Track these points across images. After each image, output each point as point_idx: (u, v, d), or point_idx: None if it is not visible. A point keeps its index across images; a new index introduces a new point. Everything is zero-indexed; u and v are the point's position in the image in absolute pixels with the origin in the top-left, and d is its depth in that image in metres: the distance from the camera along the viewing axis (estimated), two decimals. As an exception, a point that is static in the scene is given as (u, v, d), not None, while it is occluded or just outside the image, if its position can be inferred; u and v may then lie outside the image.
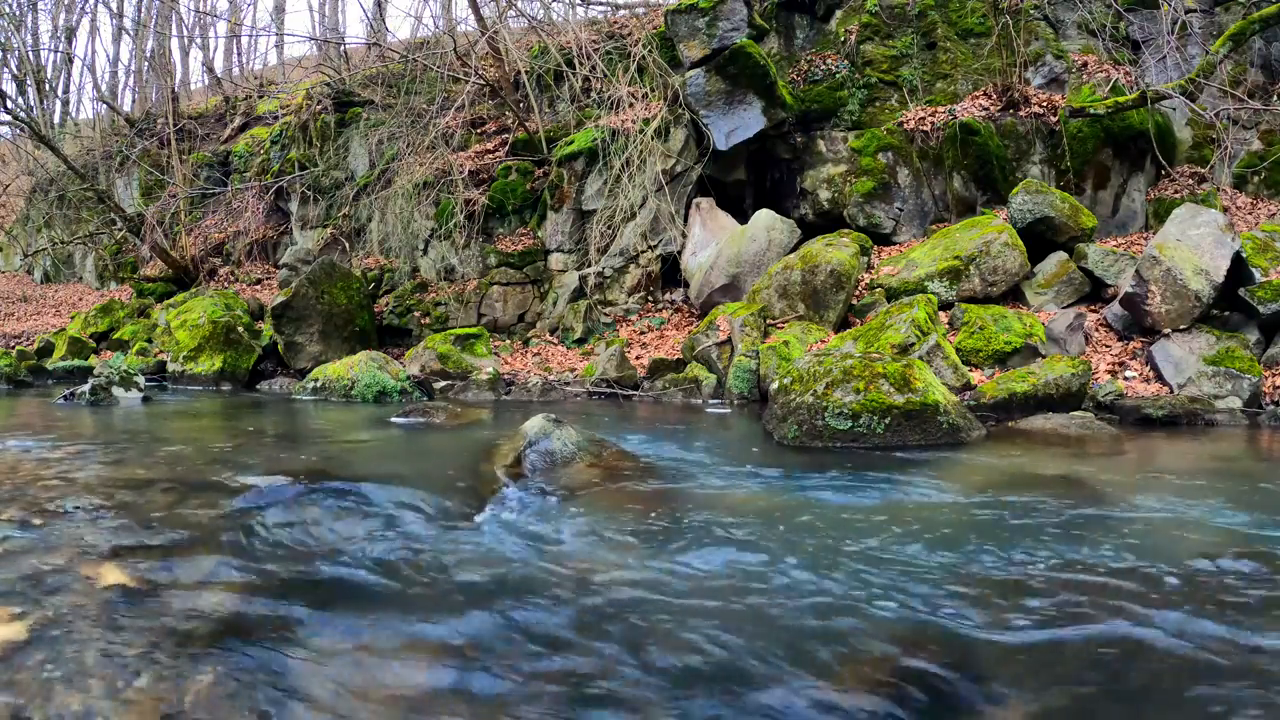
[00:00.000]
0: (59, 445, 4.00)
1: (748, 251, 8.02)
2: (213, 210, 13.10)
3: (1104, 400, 5.53)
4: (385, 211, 10.31)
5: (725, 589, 2.12)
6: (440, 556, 2.36)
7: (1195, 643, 1.80)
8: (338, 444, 4.48)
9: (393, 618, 1.92)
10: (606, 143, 8.78)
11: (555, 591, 2.10)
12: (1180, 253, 6.14)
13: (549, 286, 9.29)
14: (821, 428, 4.24)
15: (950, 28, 9.25)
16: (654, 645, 1.78)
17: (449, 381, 7.30)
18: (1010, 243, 7.11)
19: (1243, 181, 8.42)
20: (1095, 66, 8.83)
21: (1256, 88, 8.51)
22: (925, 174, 8.55)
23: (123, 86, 19.84)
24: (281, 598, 2.01)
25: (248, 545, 2.38)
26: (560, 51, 10.01)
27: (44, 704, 1.49)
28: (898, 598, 2.06)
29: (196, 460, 3.65)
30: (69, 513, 2.62)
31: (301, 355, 8.50)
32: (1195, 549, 2.45)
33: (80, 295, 14.38)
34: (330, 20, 18.03)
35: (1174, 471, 3.69)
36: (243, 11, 19.95)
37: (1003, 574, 2.24)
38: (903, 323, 6.11)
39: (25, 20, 15.90)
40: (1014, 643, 1.82)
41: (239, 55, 19.52)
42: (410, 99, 11.09)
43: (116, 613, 1.86)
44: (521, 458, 3.42)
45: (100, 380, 6.37)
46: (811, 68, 9.42)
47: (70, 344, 10.12)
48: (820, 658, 1.74)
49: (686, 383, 6.81)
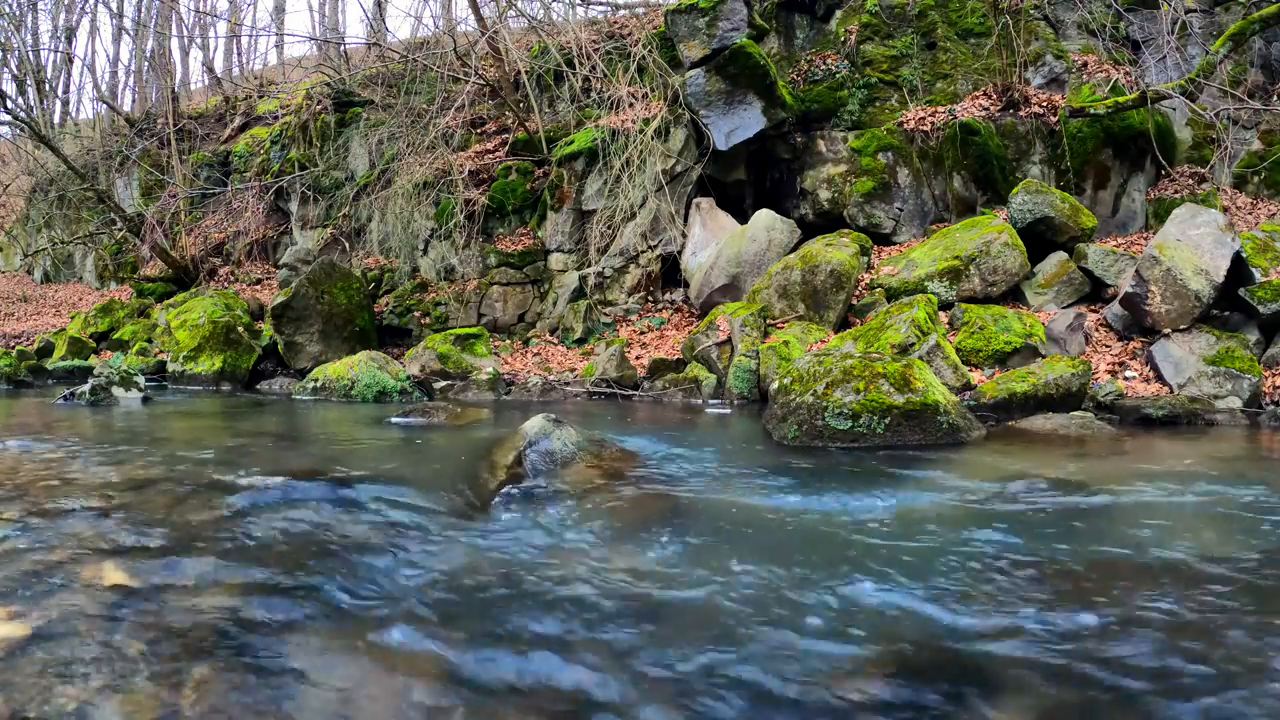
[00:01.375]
0: (59, 445, 4.00)
1: (748, 251, 8.03)
2: (213, 210, 13.11)
3: (1104, 400, 5.53)
4: (385, 211, 10.31)
5: (724, 589, 2.12)
6: (440, 556, 2.36)
7: (1194, 642, 1.80)
8: (338, 444, 4.48)
9: (392, 618, 1.92)
10: (606, 143, 8.78)
11: (555, 591, 2.10)
12: (1180, 253, 6.14)
13: (549, 286, 9.29)
14: (821, 428, 4.24)
15: (950, 28, 9.25)
16: (654, 645, 1.78)
17: (449, 381, 7.29)
18: (1010, 243, 7.11)
19: (1243, 181, 8.42)
20: (1095, 66, 8.83)
21: (1256, 88, 8.51)
22: (925, 174, 8.55)
23: (123, 86, 19.87)
24: (281, 598, 2.01)
25: (247, 545, 2.38)
26: (560, 51, 10.01)
27: (44, 704, 1.49)
28: (897, 597, 2.06)
29: (196, 460, 3.65)
30: (69, 513, 2.62)
31: (301, 355, 8.50)
32: (1196, 548, 2.45)
33: (80, 295, 14.38)
34: (330, 20, 18.04)
35: (1174, 472, 3.68)
36: (243, 11, 19.96)
37: (1003, 574, 2.24)
38: (903, 323, 6.11)
39: (25, 20, 15.91)
40: (1014, 642, 1.82)
41: (239, 55, 19.55)
42: (410, 99, 11.09)
43: (116, 613, 1.86)
44: (521, 458, 3.42)
45: (100, 380, 6.37)
46: (811, 68, 9.42)
47: (70, 344, 10.12)
48: (819, 658, 1.74)
49: (686, 383, 6.81)
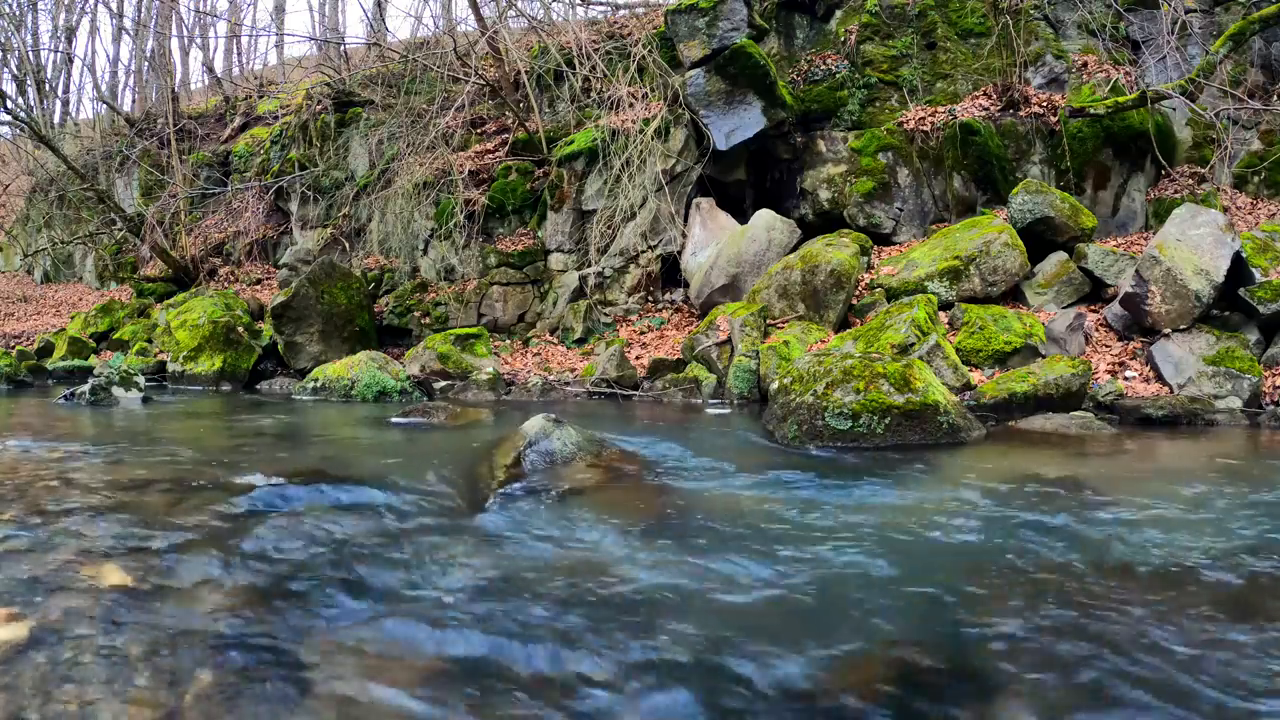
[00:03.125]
0: (59, 445, 4.00)
1: (748, 251, 8.02)
2: (213, 210, 13.10)
3: (1104, 400, 5.53)
4: (385, 211, 10.31)
5: (723, 589, 2.12)
6: (440, 556, 2.36)
7: (1194, 640, 1.80)
8: (337, 444, 4.48)
9: (393, 618, 1.92)
10: (606, 143, 8.78)
11: (554, 591, 2.10)
12: (1180, 253, 6.14)
13: (549, 286, 9.29)
14: (821, 428, 4.24)
15: (950, 28, 9.25)
16: (654, 646, 1.78)
17: (449, 381, 7.29)
18: (1010, 243, 7.10)
19: (1243, 181, 8.42)
20: (1095, 66, 8.83)
21: (1256, 88, 8.50)
22: (925, 174, 8.55)
23: (123, 86, 19.85)
24: (281, 598, 2.01)
25: (247, 545, 2.38)
26: (560, 51, 10.01)
27: (44, 704, 1.49)
28: (896, 597, 2.06)
29: (196, 460, 3.65)
30: (69, 513, 2.62)
31: (301, 355, 8.50)
32: (1197, 548, 2.45)
33: (80, 295, 14.37)
34: (330, 20, 18.04)
35: (1174, 471, 3.69)
36: (243, 11, 19.96)
37: (1003, 574, 2.24)
38: (903, 323, 6.11)
39: (25, 20, 15.92)
40: (1014, 642, 1.82)
41: (239, 55, 19.54)
42: (410, 99, 11.09)
43: (116, 613, 1.86)
44: (521, 458, 3.42)
45: (100, 380, 6.37)
46: (811, 68, 9.42)
47: (70, 344, 10.12)
48: (817, 659, 1.74)
49: (686, 383, 6.81)
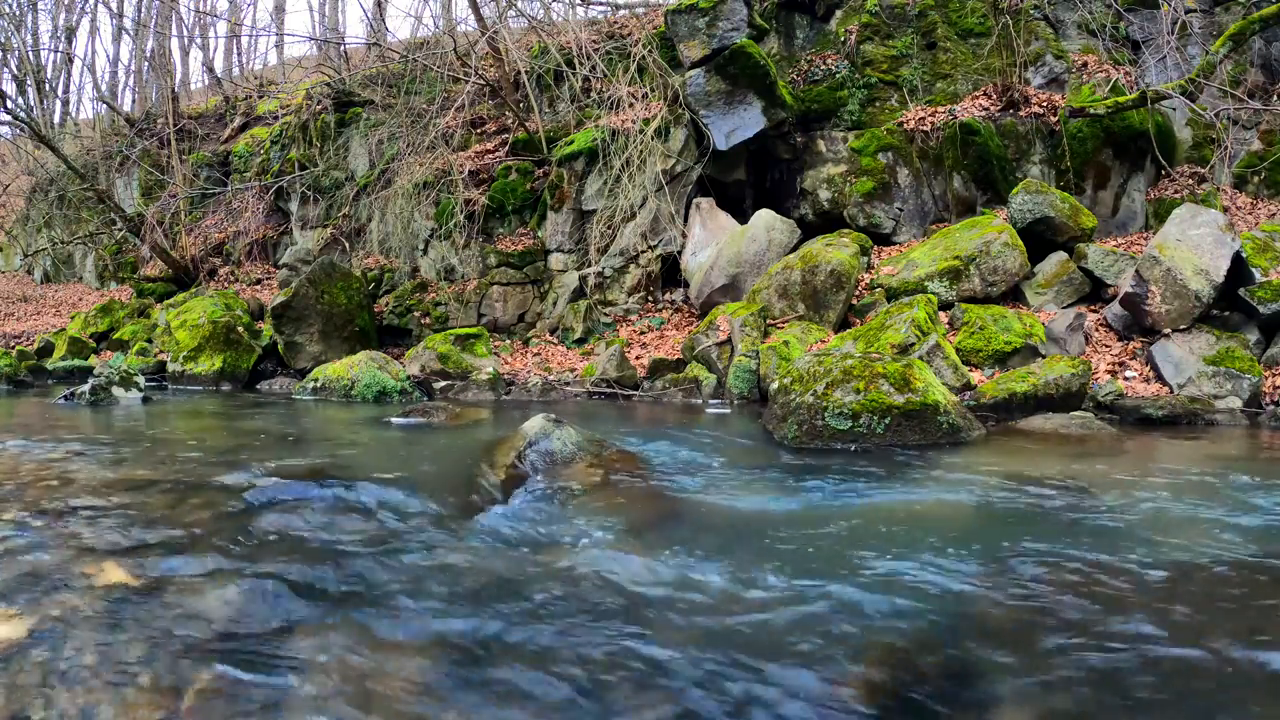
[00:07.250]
0: (59, 445, 4.00)
1: (748, 251, 8.03)
2: (213, 210, 13.10)
3: (1104, 400, 5.53)
4: (385, 211, 10.31)
5: (723, 590, 2.12)
6: (440, 556, 2.36)
7: (1193, 640, 1.80)
8: (337, 444, 4.48)
9: (392, 618, 1.92)
10: (606, 143, 8.78)
11: (554, 591, 2.10)
12: (1180, 253, 6.14)
13: (549, 286, 9.29)
14: (821, 428, 4.24)
15: (950, 28, 9.25)
16: (652, 646, 1.78)
17: (449, 381, 7.29)
18: (1010, 243, 7.11)
19: (1243, 181, 8.42)
20: (1095, 66, 8.83)
21: (1256, 88, 8.50)
22: (925, 174, 8.55)
23: (123, 86, 19.87)
24: (281, 598, 2.01)
25: (247, 545, 2.38)
26: (560, 51, 10.01)
27: (44, 704, 1.49)
28: (896, 596, 2.06)
29: (196, 460, 3.64)
30: (69, 513, 2.62)
31: (301, 355, 8.50)
32: (1197, 547, 2.45)
33: (80, 295, 14.37)
34: (330, 20, 18.03)
35: (1174, 471, 3.68)
36: (243, 11, 19.96)
37: (1003, 573, 2.24)
38: (903, 323, 6.11)
39: (25, 20, 15.91)
40: (1014, 642, 1.82)
41: (239, 55, 19.55)
42: (410, 99, 11.09)
43: (116, 613, 1.86)
44: (521, 458, 3.42)
45: (100, 380, 6.37)
46: (811, 68, 9.41)
47: (70, 344, 10.12)
48: (817, 659, 1.74)
49: (686, 383, 6.81)
